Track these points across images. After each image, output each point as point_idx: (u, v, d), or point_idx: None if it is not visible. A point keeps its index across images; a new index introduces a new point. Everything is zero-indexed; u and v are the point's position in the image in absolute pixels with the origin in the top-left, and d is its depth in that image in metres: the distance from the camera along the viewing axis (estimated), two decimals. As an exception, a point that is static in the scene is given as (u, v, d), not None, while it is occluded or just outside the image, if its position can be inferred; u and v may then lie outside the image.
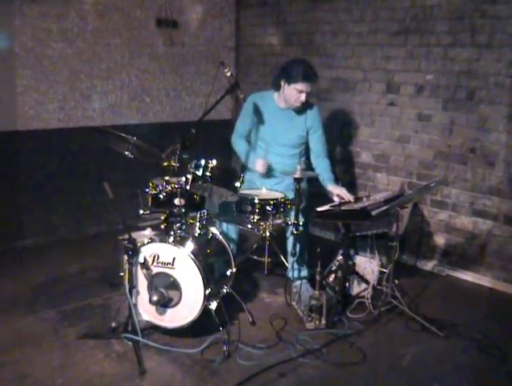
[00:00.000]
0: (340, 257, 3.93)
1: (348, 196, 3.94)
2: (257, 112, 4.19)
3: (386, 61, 4.83)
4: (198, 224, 3.59)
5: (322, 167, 4.21)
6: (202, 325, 3.33)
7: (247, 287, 4.13)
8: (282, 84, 4.06)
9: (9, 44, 4.52)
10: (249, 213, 3.76)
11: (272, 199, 3.78)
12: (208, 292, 3.25)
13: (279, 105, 4.21)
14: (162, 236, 3.52)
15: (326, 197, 4.13)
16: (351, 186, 4.98)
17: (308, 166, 4.28)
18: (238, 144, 4.34)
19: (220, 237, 3.68)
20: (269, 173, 4.18)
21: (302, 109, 4.18)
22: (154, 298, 3.22)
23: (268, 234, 3.85)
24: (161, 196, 3.61)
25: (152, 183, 3.68)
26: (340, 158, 5.27)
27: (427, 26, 4.49)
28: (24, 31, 4.56)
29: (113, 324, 3.42)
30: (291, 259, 3.97)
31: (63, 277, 4.23)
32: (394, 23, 4.70)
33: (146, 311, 3.34)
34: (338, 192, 4.00)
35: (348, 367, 3.15)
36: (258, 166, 4.12)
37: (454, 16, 4.31)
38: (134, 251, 3.21)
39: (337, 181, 4.29)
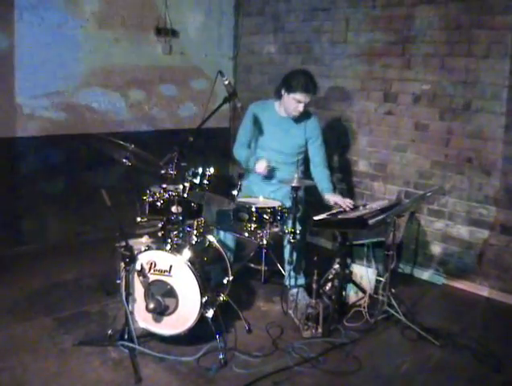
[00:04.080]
0: (336, 266, 3.93)
1: (344, 203, 3.96)
2: (257, 120, 4.21)
3: (383, 70, 4.85)
4: (195, 232, 3.60)
5: (321, 177, 4.22)
6: (198, 333, 3.33)
7: (244, 295, 4.13)
8: (282, 92, 4.10)
9: (9, 50, 4.53)
10: (247, 221, 3.77)
11: (269, 208, 3.79)
12: (204, 300, 3.25)
13: (280, 114, 4.24)
14: (159, 243, 3.52)
15: (323, 205, 4.14)
16: (348, 195, 4.99)
17: (306, 175, 4.29)
18: (239, 153, 4.35)
19: (217, 245, 3.68)
20: (271, 175, 4.18)
21: (302, 119, 4.21)
22: (151, 306, 3.22)
23: (265, 242, 3.85)
24: (158, 204, 3.61)
25: (150, 191, 3.69)
26: (337, 166, 5.28)
27: (424, 36, 4.51)
28: (24, 38, 4.58)
29: (110, 331, 3.41)
30: (287, 267, 3.97)
31: (59, 284, 4.22)
32: (392, 33, 4.73)
33: (143, 319, 3.34)
34: (336, 201, 4.02)
35: (344, 376, 3.15)
36: (260, 167, 4.11)
37: (451, 26, 4.33)
38: (131, 258, 3.21)
39: (335, 190, 4.30)
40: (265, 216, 3.76)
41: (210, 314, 3.33)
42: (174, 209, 3.53)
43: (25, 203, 4.85)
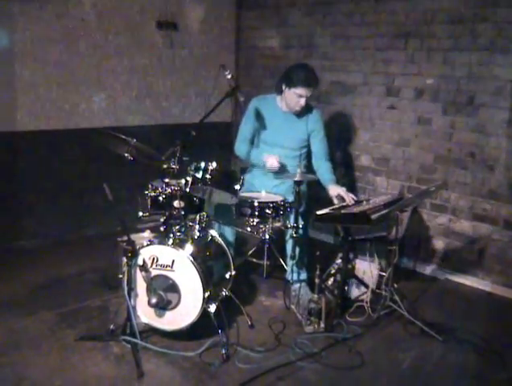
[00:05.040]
0: (339, 261, 3.92)
1: (348, 197, 3.94)
2: (259, 115, 4.18)
3: (386, 65, 4.83)
4: (197, 227, 3.59)
5: (323, 169, 4.20)
6: (201, 328, 3.32)
7: (246, 290, 4.12)
8: (283, 87, 4.07)
9: (9, 44, 4.52)
10: (249, 216, 3.76)
11: (272, 202, 3.77)
12: (207, 295, 3.24)
13: (281, 108, 4.21)
14: (161, 238, 3.51)
15: (326, 200, 4.12)
16: (351, 190, 4.96)
17: (308, 170, 4.27)
18: (242, 148, 4.30)
19: (220, 240, 3.68)
20: (282, 170, 4.09)
21: (303, 113, 4.18)
22: (153, 301, 3.21)
23: (267, 237, 3.84)
24: (160, 198, 3.59)
25: (152, 185, 3.67)
26: (339, 161, 5.26)
27: (427, 30, 4.49)
28: (24, 32, 4.56)
29: (112, 326, 3.40)
30: (290, 262, 3.96)
31: (61, 279, 4.22)
32: (395, 27, 4.71)
33: (145, 313, 3.33)
34: (339, 192, 4.00)
35: (346, 371, 3.14)
36: (272, 164, 4.03)
37: (455, 20, 4.31)
38: (133, 253, 3.21)
39: (338, 183, 4.26)
40: (267, 211, 3.74)
41: (212, 308, 3.32)
42: (176, 204, 3.52)
43: (27, 198, 4.83)
